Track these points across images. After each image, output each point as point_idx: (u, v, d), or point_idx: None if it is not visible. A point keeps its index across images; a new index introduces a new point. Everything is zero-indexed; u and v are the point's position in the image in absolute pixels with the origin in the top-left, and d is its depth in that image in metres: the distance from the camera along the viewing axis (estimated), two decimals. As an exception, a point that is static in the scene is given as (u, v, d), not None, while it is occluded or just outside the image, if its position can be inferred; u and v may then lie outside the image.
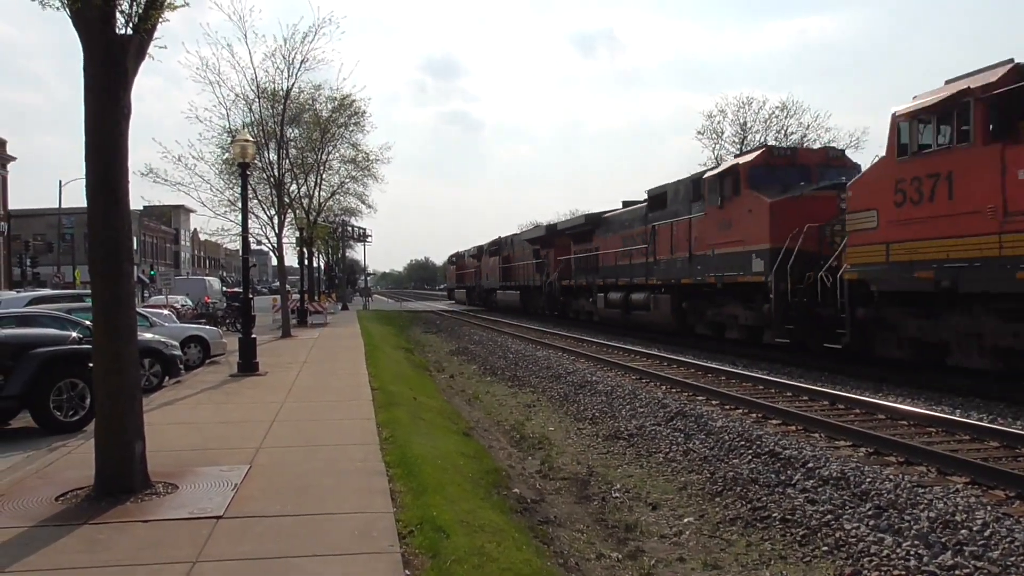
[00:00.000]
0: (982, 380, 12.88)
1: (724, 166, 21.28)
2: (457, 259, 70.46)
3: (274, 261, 32.06)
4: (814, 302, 16.40)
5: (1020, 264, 11.13)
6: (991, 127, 11.87)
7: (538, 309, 39.80)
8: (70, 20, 6.52)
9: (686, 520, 7.69)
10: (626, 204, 29.94)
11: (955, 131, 12.46)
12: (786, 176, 19.00)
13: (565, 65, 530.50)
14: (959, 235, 12.18)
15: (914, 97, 13.63)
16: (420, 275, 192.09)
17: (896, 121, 13.66)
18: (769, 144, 20.69)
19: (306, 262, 40.93)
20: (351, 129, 31.19)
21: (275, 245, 27.28)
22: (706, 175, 21.66)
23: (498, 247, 50.65)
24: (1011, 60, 12.14)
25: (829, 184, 17.62)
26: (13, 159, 55.54)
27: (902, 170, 13.50)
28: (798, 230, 16.85)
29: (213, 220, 39.83)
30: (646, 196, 25.90)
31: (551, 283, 36.82)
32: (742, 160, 20.15)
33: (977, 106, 11.97)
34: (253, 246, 24.43)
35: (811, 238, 16.79)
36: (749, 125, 49.93)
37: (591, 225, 31.89)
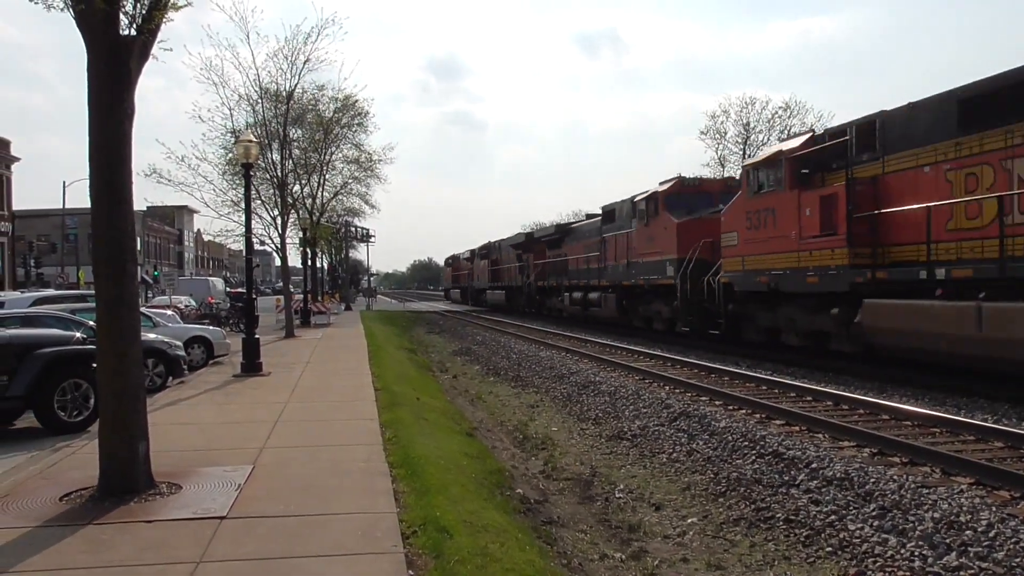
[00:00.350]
0: (985, 381, 12.86)
1: (648, 192, 25.63)
2: (453, 261, 74.49)
3: (277, 262, 32.05)
4: (704, 300, 21.12)
5: (808, 272, 16.19)
6: (794, 178, 16.81)
7: (520, 307, 44.05)
8: (74, 21, 6.53)
9: (690, 520, 7.68)
10: (589, 216, 34.20)
11: (775, 180, 17.57)
12: (693, 201, 23.75)
13: (568, 65, 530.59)
14: (778, 252, 17.32)
15: (759, 150, 19.37)
16: (423, 275, 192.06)
17: (746, 169, 19.08)
18: (682, 176, 25.52)
19: (309, 262, 40.97)
20: (354, 129, 31.26)
21: (278, 245, 27.31)
22: (636, 198, 26.30)
23: (487, 251, 54.46)
24: (811, 131, 17.92)
25: (722, 209, 21.14)
26: (17, 160, 55.66)
27: (750, 204, 18.58)
28: (698, 244, 21.67)
29: (217, 221, 39.87)
30: (601, 211, 30.67)
31: (530, 284, 41.58)
32: (661, 188, 24.85)
33: (786, 163, 17.07)
34: (256, 247, 24.47)
35: (706, 250, 21.45)
36: (752, 125, 50.05)
37: (561, 234, 37.14)
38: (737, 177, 23.84)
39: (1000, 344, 11.31)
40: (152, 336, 15.06)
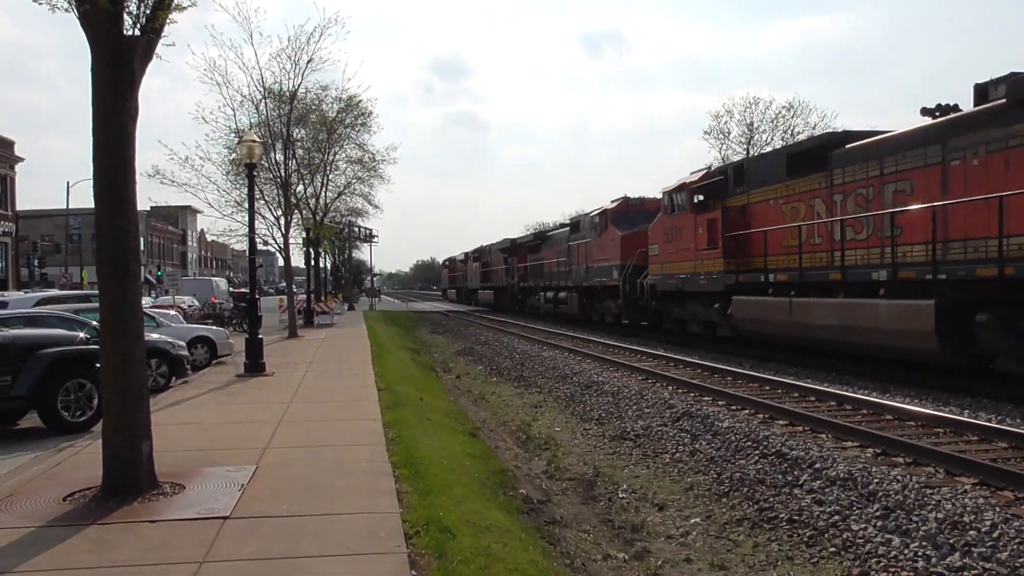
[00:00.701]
0: (988, 381, 12.84)
1: (600, 209, 31.47)
2: (450, 263, 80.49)
3: (281, 262, 32.09)
4: (639, 297, 26.46)
5: (700, 276, 21.43)
6: (693, 204, 21.96)
7: (505, 305, 49.33)
8: (78, 21, 6.54)
9: (693, 521, 7.67)
10: (561, 226, 39.55)
11: (681, 204, 22.74)
12: (635, 218, 28.55)
13: (572, 65, 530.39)
14: (683, 261, 22.68)
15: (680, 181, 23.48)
16: (426, 276, 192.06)
17: (665, 193, 24.13)
18: (627, 196, 30.46)
19: (312, 262, 41.01)
20: (357, 129, 31.27)
21: (282, 246, 27.34)
22: (591, 214, 32.83)
23: (480, 254, 60.16)
24: (709, 166, 22.93)
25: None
26: (21, 160, 55.77)
27: (666, 223, 23.89)
28: (636, 253, 26.71)
29: (220, 221, 39.96)
30: (569, 222, 37.00)
31: (513, 284, 46.92)
32: (610, 206, 30.58)
33: (687, 192, 22.29)
34: (260, 247, 24.49)
35: (641, 258, 26.30)
36: (756, 125, 50.04)
37: (539, 241, 43.06)
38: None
39: (801, 325, 16.77)
40: (155, 336, 15.08)
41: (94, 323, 12.57)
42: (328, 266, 59.77)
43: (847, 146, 16.31)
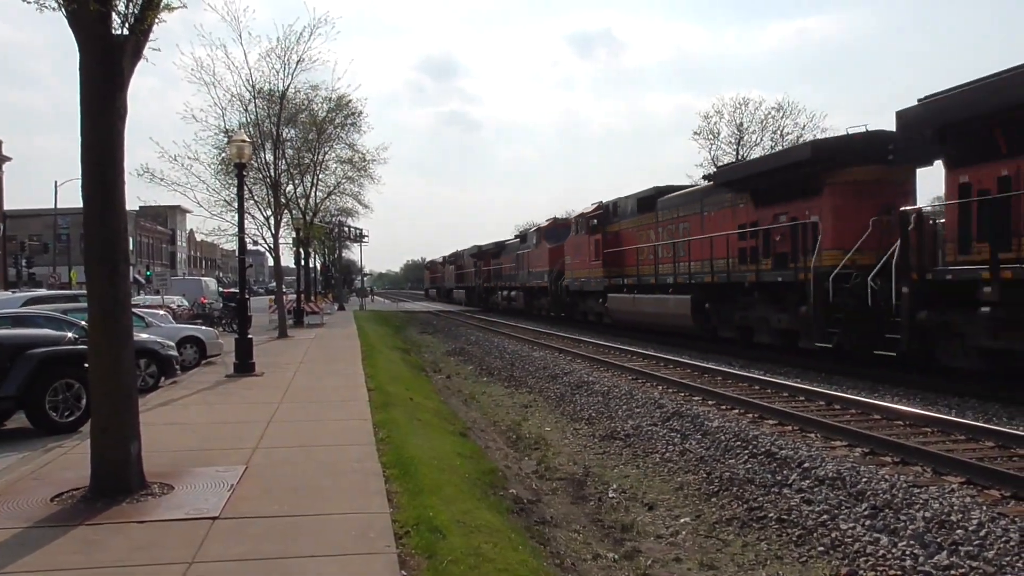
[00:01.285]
0: (976, 382, 12.92)
1: (537, 226, 41.87)
2: (431, 266, 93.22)
3: (270, 261, 32.03)
4: (561, 296, 35.07)
5: (592, 280, 29.07)
6: (588, 228, 30.22)
7: (474, 302, 59.00)
8: (66, 20, 6.51)
9: (682, 520, 7.70)
10: (515, 236, 49.39)
11: (582, 227, 31.16)
12: (561, 234, 36.16)
13: (564, 65, 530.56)
14: (583, 268, 30.80)
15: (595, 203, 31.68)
16: (417, 276, 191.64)
17: (573, 219, 33.09)
18: (556, 216, 39.40)
19: (302, 262, 40.89)
20: (347, 129, 31.21)
21: (271, 245, 27.27)
22: (532, 230, 43.27)
23: (455, 259, 69.91)
24: (600, 201, 30.53)
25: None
26: (8, 159, 55.43)
27: (574, 240, 32.23)
28: (560, 261, 34.98)
29: (209, 220, 39.72)
30: (521, 234, 47.68)
31: (480, 285, 56.56)
32: (544, 224, 40.38)
33: (585, 219, 30.76)
34: (249, 246, 24.40)
35: (563, 265, 34.57)
36: (745, 126, 50.24)
37: (499, 249, 51.66)
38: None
39: (638, 313, 25.45)
40: (144, 336, 15.01)
41: (82, 323, 12.51)
42: (318, 266, 59.60)
43: (665, 196, 25.08)
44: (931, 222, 14.27)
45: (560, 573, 6.14)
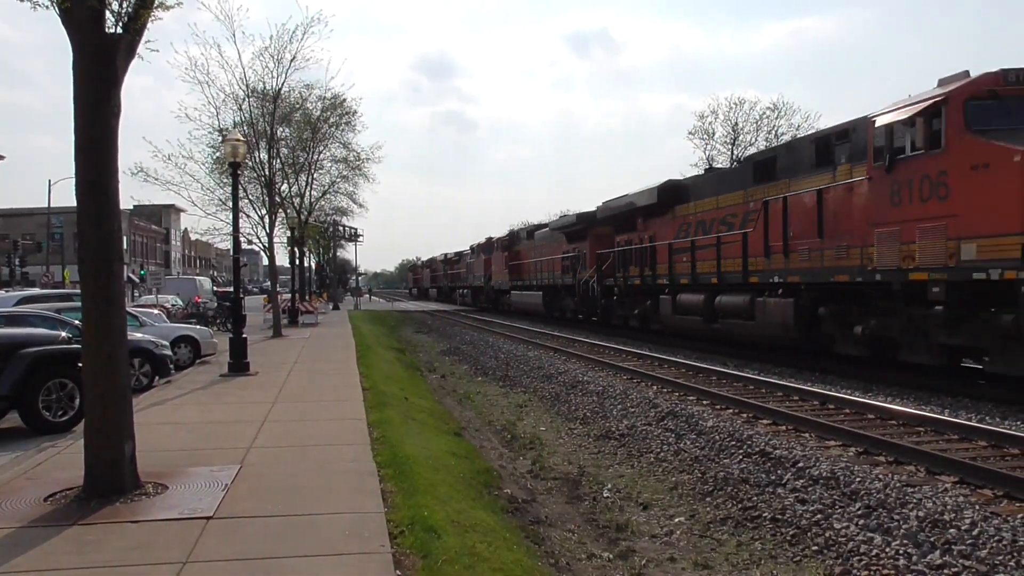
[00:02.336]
0: (970, 381, 12.97)
1: (479, 242, 55.38)
2: (413, 268, 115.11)
3: (265, 261, 31.94)
4: (491, 293, 51.14)
5: (504, 283, 46.45)
6: (502, 246, 48.14)
7: (442, 298, 77.51)
8: (59, 19, 6.49)
9: (677, 520, 7.71)
10: (469, 248, 61.00)
11: (497, 247, 50.08)
12: (493, 247, 50.61)
13: (561, 65, 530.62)
14: (501, 275, 48.16)
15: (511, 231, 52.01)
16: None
17: (492, 241, 51.63)
18: (490, 237, 53.15)
19: (297, 262, 40.81)
20: (342, 128, 31.16)
21: (266, 245, 27.20)
22: (476, 245, 56.12)
23: (430, 263, 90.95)
24: (511, 229, 54.95)
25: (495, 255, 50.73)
26: (2, 158, 55.20)
27: (497, 255, 49.39)
28: (491, 269, 50.64)
29: (204, 220, 39.53)
30: (472, 247, 59.62)
31: (447, 284, 74.42)
32: (482, 241, 54.04)
33: (499, 242, 49.86)
34: (244, 246, 24.34)
35: (491, 272, 50.63)
36: (740, 126, 50.36)
37: (459, 257, 67.94)
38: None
39: (527, 304, 40.73)
40: (138, 335, 14.97)
41: (76, 322, 12.48)
42: (313, 265, 59.52)
43: (538, 231, 42.05)
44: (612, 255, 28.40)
45: (555, 573, 6.14)
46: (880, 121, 13.67)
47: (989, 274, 11.31)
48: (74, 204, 6.77)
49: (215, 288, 55.37)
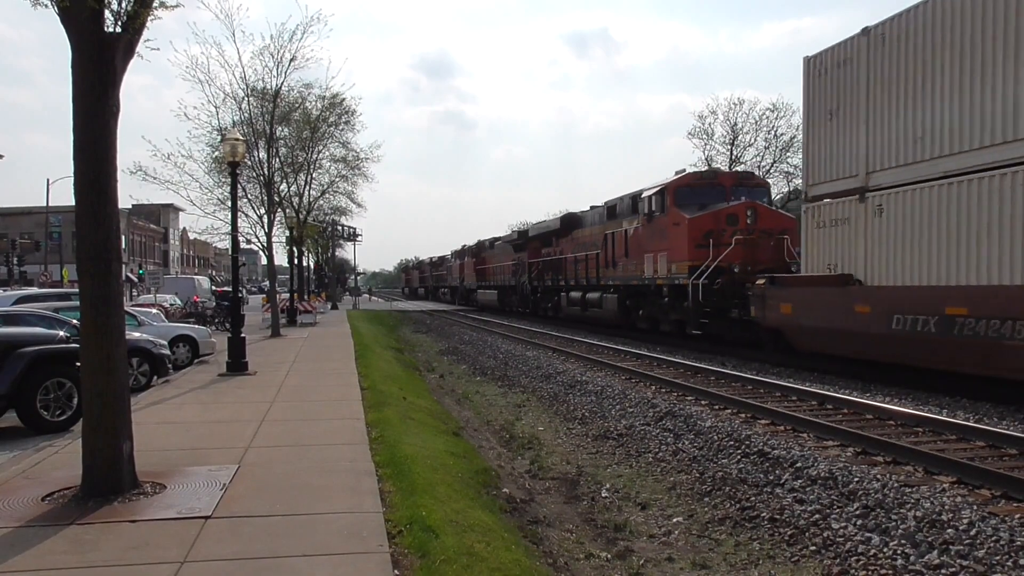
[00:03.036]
0: (967, 381, 12.98)
1: (456, 249, 66.97)
2: (406, 270, 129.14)
3: (264, 260, 31.93)
4: (464, 292, 61.82)
5: (473, 284, 56.47)
6: (471, 254, 58.13)
7: (428, 296, 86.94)
8: (58, 18, 6.48)
9: (675, 520, 7.71)
10: (451, 253, 69.79)
11: (468, 255, 59.39)
12: (458, 256, 65.28)
13: (560, 65, 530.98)
14: (471, 277, 58.72)
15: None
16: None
17: (466, 247, 61.35)
18: (464, 244, 62.32)
19: (296, 261, 40.79)
20: (341, 128, 31.16)
21: (265, 244, 27.19)
22: (456, 250, 66.49)
23: (418, 266, 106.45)
24: (479, 240, 58.75)
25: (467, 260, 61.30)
26: (0, 157, 55.11)
27: (465, 261, 60.23)
28: (464, 272, 60.32)
29: (202, 219, 39.68)
30: (452, 253, 69.57)
31: (431, 285, 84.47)
32: (458, 249, 64.76)
33: (469, 250, 59.73)
34: (243, 245, 24.35)
35: (463, 275, 61.61)
36: (740, 126, 50.33)
37: (441, 261, 77.12)
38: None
39: (489, 301, 50.27)
40: (137, 335, 14.97)
41: (74, 321, 12.46)
42: (311, 265, 59.52)
43: (495, 243, 50.07)
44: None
45: (553, 572, 6.14)
46: (644, 194, 24.54)
47: (680, 280, 21.63)
48: (72, 203, 6.77)
49: (214, 288, 55.37)
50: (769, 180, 40.18)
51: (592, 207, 31.75)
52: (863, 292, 14.95)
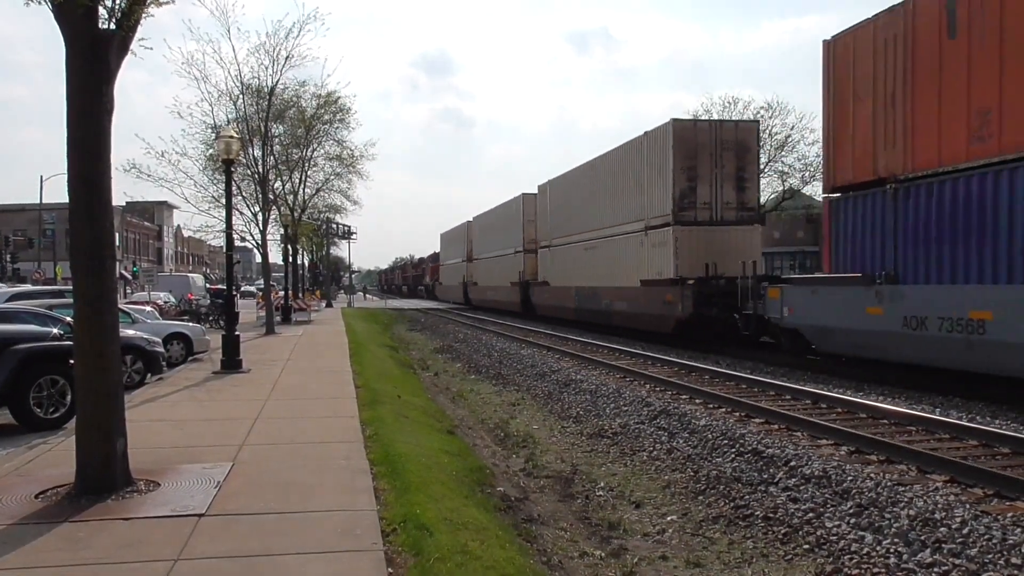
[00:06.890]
0: (961, 381, 13.02)
1: (431, 253, 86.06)
2: (391, 270, 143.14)
3: (258, 258, 31.90)
4: (432, 290, 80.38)
5: (439, 284, 74.50)
6: (433, 259, 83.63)
7: (407, 293, 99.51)
8: (52, 14, 6.46)
9: (669, 518, 7.72)
10: (428, 255, 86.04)
11: (430, 261, 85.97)
12: (432, 260, 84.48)
13: (560, 63, 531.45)
14: (431, 278, 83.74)
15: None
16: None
17: (434, 255, 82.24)
18: (435, 251, 77.69)
19: (290, 259, 40.76)
20: (336, 126, 31.12)
21: (259, 242, 27.16)
22: (430, 254, 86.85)
23: (402, 267, 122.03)
24: (436, 251, 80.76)
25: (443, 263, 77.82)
26: (-7, 153, 54.85)
27: (433, 265, 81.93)
28: (437, 274, 76.58)
29: (197, 216, 39.55)
30: (426, 256, 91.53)
31: (410, 284, 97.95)
32: (430, 254, 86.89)
33: (433, 256, 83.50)
34: (237, 243, 24.31)
35: (434, 276, 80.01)
36: (734, 125, 50.29)
37: (420, 262, 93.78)
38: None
39: (444, 296, 69.54)
40: (131, 332, 14.92)
41: (68, 319, 12.42)
42: (306, 263, 59.44)
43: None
44: None
45: (547, 571, 6.15)
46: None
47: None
48: (66, 200, 6.75)
49: (208, 285, 55.24)
50: (763, 179, 40.22)
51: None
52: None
